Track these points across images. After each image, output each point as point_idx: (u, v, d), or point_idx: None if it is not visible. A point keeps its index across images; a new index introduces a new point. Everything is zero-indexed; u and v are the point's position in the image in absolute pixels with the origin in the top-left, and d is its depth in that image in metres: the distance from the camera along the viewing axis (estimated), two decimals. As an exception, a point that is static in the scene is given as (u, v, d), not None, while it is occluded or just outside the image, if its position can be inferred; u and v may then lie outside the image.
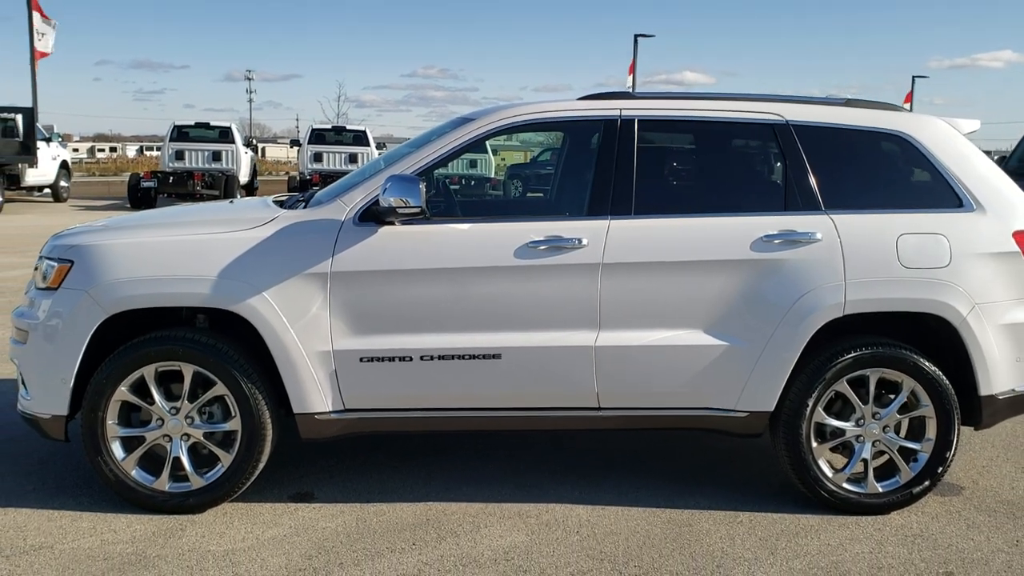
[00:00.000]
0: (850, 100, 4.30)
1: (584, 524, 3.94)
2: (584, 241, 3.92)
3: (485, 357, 3.92)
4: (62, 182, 23.99)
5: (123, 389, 3.88)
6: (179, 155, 23.07)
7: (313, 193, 4.46)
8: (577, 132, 4.57)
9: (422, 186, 3.83)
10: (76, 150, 57.09)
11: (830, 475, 4.07)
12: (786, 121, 4.14)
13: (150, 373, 3.89)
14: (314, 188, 5.12)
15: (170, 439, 3.94)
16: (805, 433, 4.01)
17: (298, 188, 21.84)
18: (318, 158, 23.92)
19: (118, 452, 3.92)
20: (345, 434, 4.03)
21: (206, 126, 24.23)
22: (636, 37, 34.04)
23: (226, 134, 23.89)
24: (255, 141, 32.69)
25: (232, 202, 5.63)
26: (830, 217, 4.01)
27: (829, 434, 4.09)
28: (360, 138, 24.79)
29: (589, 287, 3.93)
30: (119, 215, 4.86)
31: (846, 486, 4.08)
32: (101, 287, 3.84)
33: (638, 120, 4.11)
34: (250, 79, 79.79)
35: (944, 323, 4.01)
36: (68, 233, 4.19)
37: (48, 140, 22.89)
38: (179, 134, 23.59)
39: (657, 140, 4.30)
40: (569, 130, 4.70)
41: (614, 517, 4.02)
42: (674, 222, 4.01)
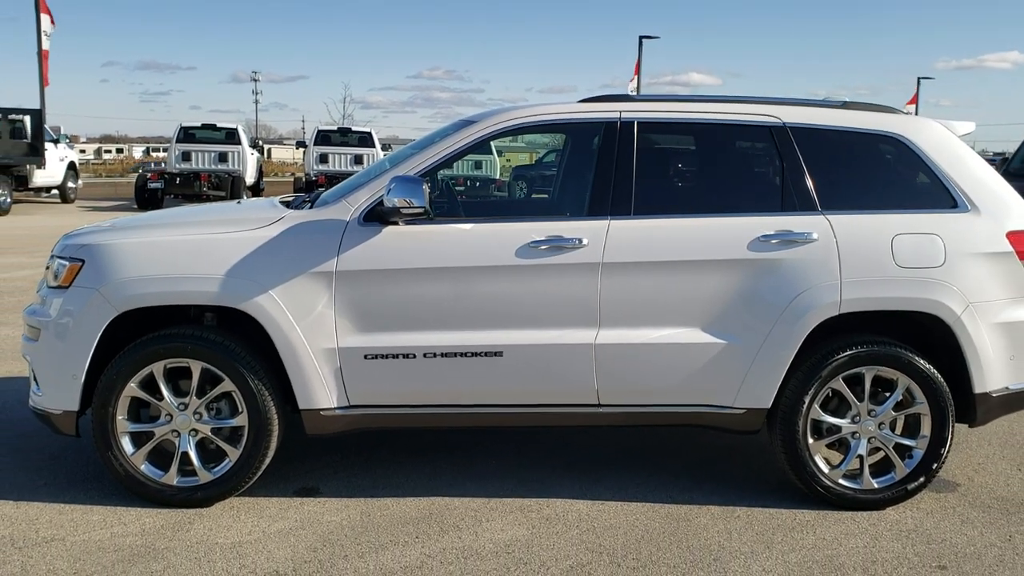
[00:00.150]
0: (847, 103, 4.37)
1: (584, 518, 4.01)
2: (584, 241, 3.99)
3: (487, 354, 3.99)
4: (69, 183, 24.10)
5: (133, 385, 3.96)
6: (186, 156, 23.18)
7: (319, 194, 4.53)
8: (578, 134, 4.64)
9: (425, 187, 3.91)
10: (83, 151, 57.35)
11: (826, 471, 4.14)
12: (783, 123, 4.20)
13: (159, 370, 3.97)
14: (320, 189, 5.19)
15: (179, 434, 4.03)
16: (801, 430, 4.08)
17: (304, 189, 21.91)
18: (324, 159, 23.98)
19: (128, 447, 4.01)
20: (350, 430, 4.11)
21: (212, 127, 24.32)
22: (641, 39, 34.19)
23: (232, 135, 23.99)
24: (261, 142, 32.80)
25: (239, 202, 5.71)
26: (826, 218, 4.07)
27: (825, 431, 4.16)
28: (365, 139, 24.84)
29: (589, 286, 4.00)
30: (127, 215, 4.95)
31: (842, 482, 4.15)
32: (111, 285, 3.92)
33: (637, 122, 4.18)
34: (256, 80, 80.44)
35: (939, 322, 4.07)
36: (79, 233, 4.28)
37: (56, 141, 22.99)
38: (185, 135, 23.69)
39: (656, 142, 4.37)
40: (570, 132, 4.77)
41: (613, 512, 4.09)
42: (673, 222, 4.08)
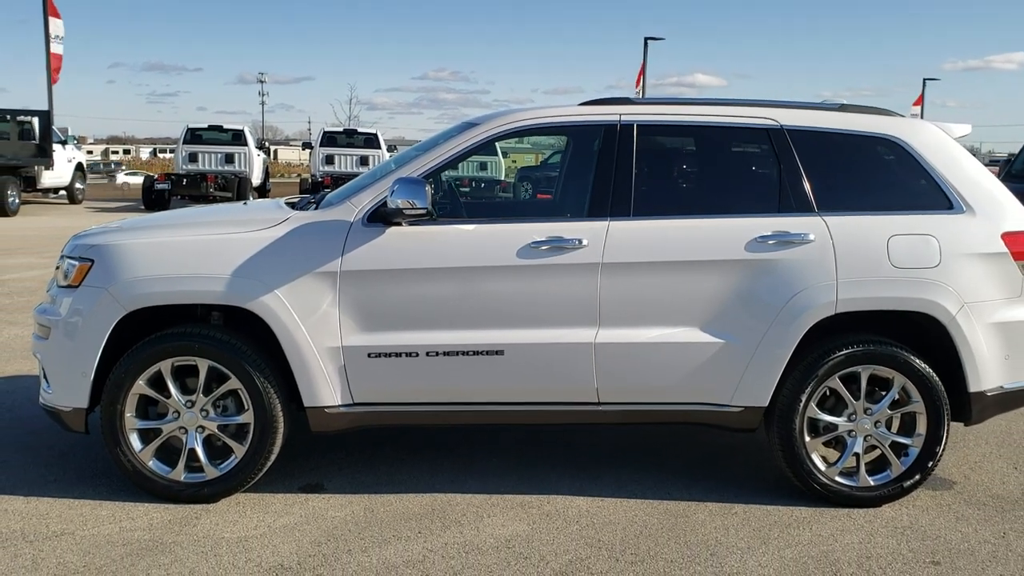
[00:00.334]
0: (843, 105, 4.43)
1: (583, 514, 4.08)
2: (584, 241, 4.06)
3: (488, 353, 4.06)
4: (77, 184, 24.28)
5: (141, 383, 4.04)
6: (192, 157, 23.32)
7: (324, 195, 4.61)
8: (579, 136, 4.70)
9: (428, 188, 3.98)
10: (90, 152, 57.61)
11: (823, 468, 4.19)
12: (780, 126, 4.26)
13: (167, 368, 4.05)
14: (325, 190, 5.27)
15: (186, 431, 4.10)
16: (798, 428, 4.13)
17: (310, 191, 22.02)
18: (330, 160, 24.10)
19: (136, 443, 4.08)
20: (354, 427, 4.18)
21: (219, 129, 24.48)
22: (646, 40, 34.18)
23: (239, 136, 24.14)
24: (267, 143, 32.92)
25: (245, 203, 5.79)
26: (823, 219, 4.13)
27: (822, 429, 4.22)
28: (371, 141, 24.95)
29: (589, 286, 4.06)
30: (134, 216, 5.03)
31: (838, 479, 4.20)
32: (120, 285, 4.00)
33: (637, 125, 4.24)
34: (262, 82, 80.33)
35: (934, 322, 4.12)
36: (88, 233, 4.36)
37: (63, 142, 23.16)
38: (192, 136, 23.85)
39: (655, 144, 4.43)
40: (571, 134, 4.83)
41: (612, 508, 4.15)
42: (671, 223, 4.14)
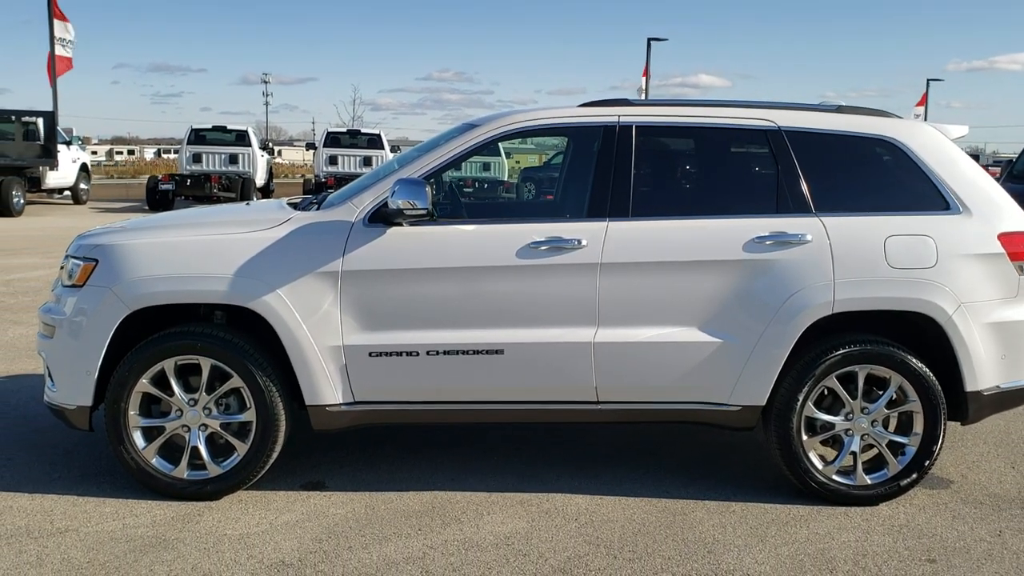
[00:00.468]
0: (841, 107, 4.46)
1: (583, 512, 4.11)
2: (583, 242, 4.09)
3: (488, 352, 4.09)
4: (82, 184, 24.33)
5: (144, 381, 4.08)
6: (196, 158, 23.38)
7: (326, 196, 4.65)
8: (578, 137, 4.73)
9: (428, 189, 4.02)
10: (95, 153, 57.77)
11: (820, 467, 4.22)
12: (778, 127, 4.29)
13: (170, 366, 4.09)
14: (327, 191, 5.31)
15: (189, 429, 4.14)
16: (796, 426, 4.16)
17: (314, 192, 22.07)
18: (333, 161, 24.13)
19: (139, 441, 4.12)
20: (355, 425, 4.22)
21: (223, 129, 24.53)
22: (649, 41, 34.18)
23: (242, 137, 24.19)
24: (271, 144, 32.99)
25: (248, 204, 5.83)
26: (820, 219, 4.16)
27: (819, 428, 4.25)
28: (375, 141, 24.98)
29: (588, 286, 4.10)
30: (138, 217, 5.07)
31: (836, 478, 4.23)
32: (124, 284, 4.04)
33: (635, 126, 4.28)
34: (266, 82, 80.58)
35: (931, 321, 4.15)
36: (93, 233, 4.40)
37: (68, 143, 23.20)
38: (196, 137, 23.91)
39: (654, 145, 4.45)
40: (571, 135, 4.86)
41: (611, 506, 4.19)
42: (670, 224, 4.18)
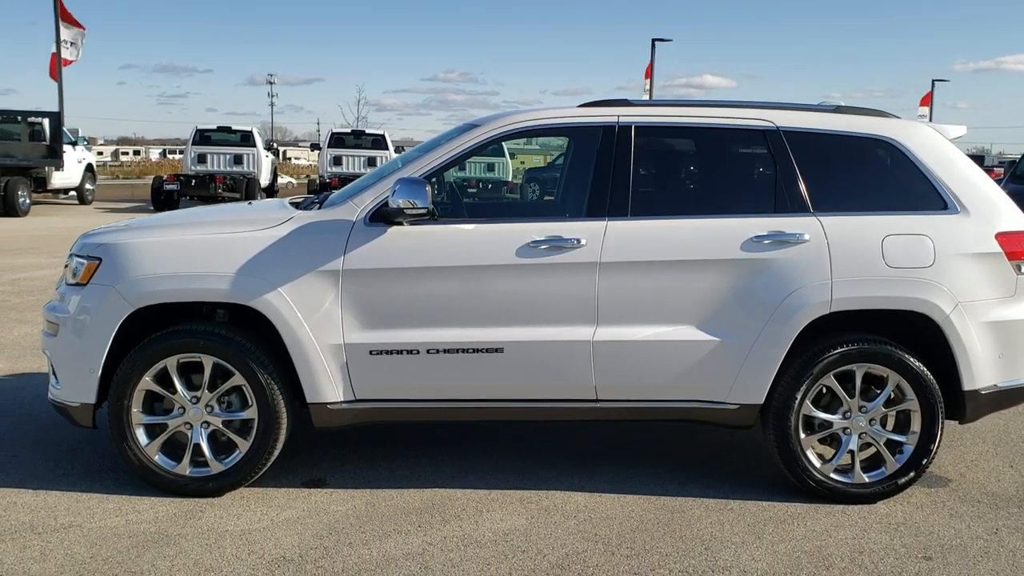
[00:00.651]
0: (839, 107, 4.48)
1: (581, 509, 4.14)
2: (583, 241, 4.12)
3: (488, 351, 4.12)
4: (87, 185, 24.45)
5: (147, 379, 4.12)
6: (201, 158, 23.46)
7: (327, 195, 4.68)
8: (578, 137, 4.76)
9: (428, 188, 4.05)
10: (101, 153, 57.96)
11: (818, 465, 4.24)
12: (776, 127, 4.32)
13: (172, 364, 4.13)
14: (328, 191, 5.34)
15: (191, 426, 4.18)
16: (794, 425, 4.19)
17: (317, 191, 22.11)
18: (337, 162, 24.21)
19: (142, 438, 4.16)
20: (356, 423, 4.25)
21: (227, 130, 24.62)
22: (653, 41, 34.18)
23: (247, 138, 24.28)
24: (276, 144, 33.06)
25: (250, 203, 5.87)
26: (818, 219, 4.18)
27: (817, 426, 4.27)
28: (379, 142, 25.06)
29: (587, 285, 4.13)
30: (142, 216, 5.11)
31: (833, 476, 4.25)
32: (128, 283, 4.08)
33: (635, 126, 4.31)
34: (272, 83, 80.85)
35: (928, 321, 4.17)
36: (97, 232, 4.44)
37: (74, 144, 23.33)
38: (201, 138, 24.00)
39: (653, 145, 4.47)
40: (571, 135, 4.89)
41: (610, 503, 4.21)
42: (668, 223, 4.20)
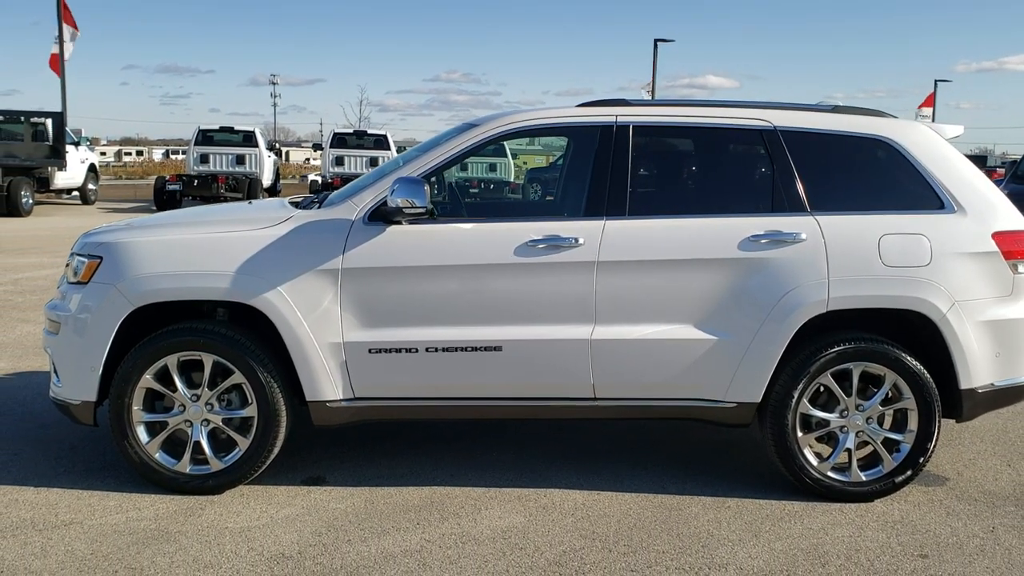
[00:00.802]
0: (836, 107, 4.50)
1: (579, 507, 4.16)
2: (581, 240, 4.14)
3: (486, 349, 4.14)
4: (90, 185, 24.50)
5: (148, 377, 4.14)
6: (203, 159, 23.51)
7: (327, 194, 4.71)
8: (577, 137, 4.78)
9: (427, 188, 4.07)
10: (104, 154, 58.01)
11: (815, 464, 4.26)
12: (774, 127, 4.33)
13: (173, 362, 4.15)
14: (328, 191, 5.37)
15: (191, 424, 4.21)
16: (791, 423, 4.20)
17: (319, 191, 22.09)
18: (339, 162, 24.27)
19: (143, 436, 4.19)
20: (355, 421, 4.27)
21: (230, 130, 24.67)
22: (656, 42, 34.27)
23: (249, 138, 24.33)
24: (279, 145, 33.10)
25: (251, 203, 5.89)
26: (815, 218, 4.20)
27: (814, 425, 4.29)
28: (381, 142, 25.11)
29: (585, 284, 4.15)
30: (144, 216, 5.14)
31: (831, 474, 4.27)
32: (128, 282, 4.11)
33: (633, 126, 4.33)
34: (275, 83, 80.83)
35: (925, 320, 4.18)
36: (98, 231, 4.47)
37: (76, 144, 23.38)
38: (204, 138, 24.05)
39: (651, 145, 4.49)
40: (569, 135, 4.91)
41: (608, 501, 4.23)
42: (666, 222, 4.22)
